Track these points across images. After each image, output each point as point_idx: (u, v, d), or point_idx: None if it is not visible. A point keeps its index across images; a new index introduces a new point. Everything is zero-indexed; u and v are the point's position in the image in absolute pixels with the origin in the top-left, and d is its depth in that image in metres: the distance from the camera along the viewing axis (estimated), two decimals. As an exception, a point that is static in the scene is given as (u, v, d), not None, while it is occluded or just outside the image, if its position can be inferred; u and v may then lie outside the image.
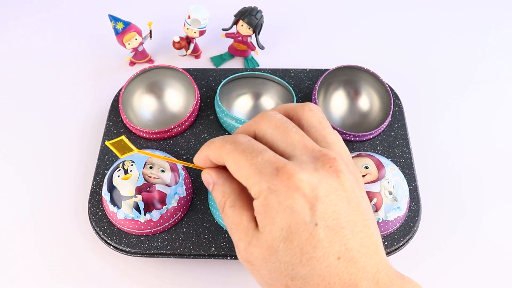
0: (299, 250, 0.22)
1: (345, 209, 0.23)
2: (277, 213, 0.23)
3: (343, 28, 0.65)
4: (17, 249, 0.45)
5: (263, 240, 0.23)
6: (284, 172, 0.22)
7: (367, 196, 0.26)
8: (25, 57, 0.62)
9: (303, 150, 0.24)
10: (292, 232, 0.22)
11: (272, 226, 0.23)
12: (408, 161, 0.47)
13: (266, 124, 0.25)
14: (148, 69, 0.51)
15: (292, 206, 0.22)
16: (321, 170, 0.23)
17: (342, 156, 0.25)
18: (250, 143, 0.24)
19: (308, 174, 0.22)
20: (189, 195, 0.44)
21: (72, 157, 0.51)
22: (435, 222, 0.46)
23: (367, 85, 0.51)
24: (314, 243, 0.22)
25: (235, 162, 0.24)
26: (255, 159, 0.23)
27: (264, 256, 0.23)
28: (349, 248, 0.22)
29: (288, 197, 0.22)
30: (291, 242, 0.22)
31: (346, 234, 0.22)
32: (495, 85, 0.57)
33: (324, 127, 0.26)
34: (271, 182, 0.23)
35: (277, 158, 0.23)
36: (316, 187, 0.22)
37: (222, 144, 0.25)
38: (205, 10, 0.55)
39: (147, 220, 0.41)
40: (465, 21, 0.65)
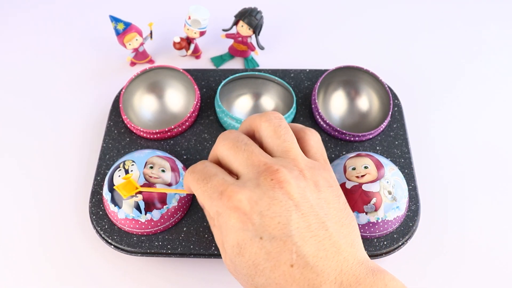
0: (251, 263, 0.24)
1: (292, 217, 0.23)
2: (227, 232, 0.24)
3: (343, 28, 0.65)
4: (17, 249, 0.45)
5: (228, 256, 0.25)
6: (225, 194, 0.24)
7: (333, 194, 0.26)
8: (25, 57, 0.62)
9: (250, 167, 0.25)
10: (242, 247, 0.24)
11: (227, 244, 0.25)
12: (408, 161, 0.47)
13: (222, 146, 0.27)
14: (148, 70, 0.51)
15: (235, 225, 0.24)
16: (263, 184, 0.24)
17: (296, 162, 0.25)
18: (203, 170, 0.26)
19: (248, 191, 0.24)
20: (189, 195, 0.44)
21: (73, 157, 0.52)
22: (434, 221, 0.46)
23: (366, 86, 0.51)
24: (263, 255, 0.23)
25: (195, 191, 0.27)
26: (205, 186, 0.26)
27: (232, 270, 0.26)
28: (301, 255, 0.23)
29: (231, 217, 0.24)
30: (243, 256, 0.24)
31: (296, 241, 0.23)
32: (495, 86, 0.58)
33: (279, 135, 0.26)
34: (218, 206, 0.25)
35: (224, 181, 0.25)
36: (255, 203, 0.23)
37: (186, 175, 0.28)
38: (205, 10, 0.55)
39: (148, 219, 0.41)
40: (465, 21, 0.65)
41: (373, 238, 0.41)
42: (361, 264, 0.24)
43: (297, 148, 0.26)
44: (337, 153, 0.48)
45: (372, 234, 0.41)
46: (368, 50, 0.62)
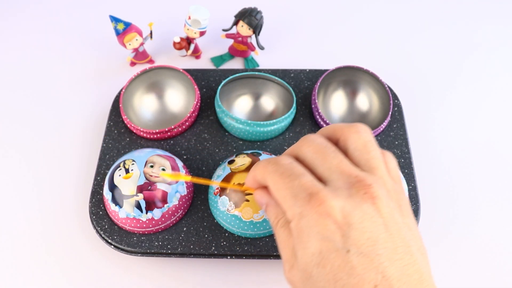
0: (332, 276, 0.22)
1: (382, 236, 0.22)
2: (308, 238, 0.23)
3: (343, 28, 0.65)
4: (17, 249, 0.45)
5: (299, 264, 0.24)
6: (317, 198, 0.23)
7: (413, 222, 0.25)
8: (25, 57, 0.62)
9: (339, 175, 0.24)
10: (324, 257, 0.22)
11: (304, 250, 0.23)
12: (407, 161, 0.47)
13: (307, 148, 0.26)
14: (148, 70, 0.51)
15: (323, 233, 0.22)
16: (356, 196, 0.23)
17: (384, 182, 0.24)
18: (290, 165, 0.25)
19: (341, 200, 0.23)
20: (190, 194, 0.44)
21: (73, 157, 0.52)
22: (434, 221, 0.46)
23: (366, 86, 0.51)
24: (347, 270, 0.22)
25: (274, 184, 0.25)
26: (292, 183, 0.24)
27: (303, 280, 0.24)
28: (386, 276, 0.21)
29: (319, 224, 0.22)
30: (323, 268, 0.22)
31: (383, 261, 0.22)
32: (495, 86, 0.58)
33: (369, 150, 0.26)
34: (303, 207, 0.23)
35: (313, 183, 0.24)
36: (348, 214, 0.22)
37: (265, 165, 0.26)
38: (205, 10, 0.55)
39: (149, 218, 0.41)
40: (464, 22, 0.65)
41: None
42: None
43: (384, 168, 0.25)
44: (337, 153, 0.48)
45: (372, 234, 0.41)
46: (368, 50, 0.62)
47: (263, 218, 0.40)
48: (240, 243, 0.41)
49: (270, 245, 0.41)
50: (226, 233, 0.42)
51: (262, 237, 0.42)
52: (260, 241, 0.41)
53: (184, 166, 0.45)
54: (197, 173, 0.47)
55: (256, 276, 0.43)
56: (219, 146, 0.49)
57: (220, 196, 0.42)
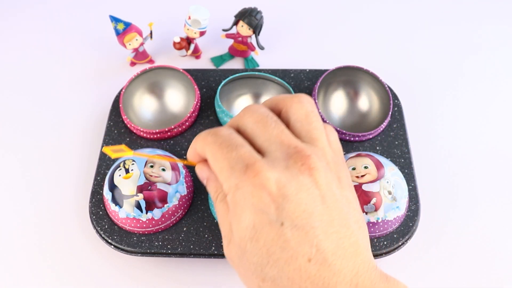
0: (265, 250, 0.21)
1: (318, 208, 0.22)
2: (242, 210, 0.22)
3: (343, 28, 0.65)
4: (17, 249, 0.45)
5: (234, 238, 0.23)
6: (252, 169, 0.22)
7: (353, 194, 0.24)
8: (25, 57, 0.62)
9: (278, 146, 0.23)
10: (258, 231, 0.22)
11: (238, 224, 0.22)
12: (407, 161, 0.47)
13: (248, 118, 0.25)
14: (148, 70, 0.51)
15: (257, 205, 0.22)
16: (293, 167, 0.22)
17: (324, 153, 0.24)
18: (229, 136, 0.24)
19: (277, 172, 0.22)
20: (190, 193, 0.44)
21: (73, 157, 0.52)
22: (434, 221, 0.46)
23: (366, 86, 0.51)
24: (280, 243, 0.21)
25: (212, 155, 0.24)
26: (229, 154, 0.23)
27: (238, 255, 0.23)
28: (321, 250, 0.21)
29: (253, 195, 0.22)
30: (257, 242, 0.22)
31: (318, 234, 0.21)
32: (495, 85, 0.58)
33: (310, 121, 0.25)
34: (239, 178, 0.22)
35: (251, 154, 0.23)
36: (284, 186, 0.21)
37: (205, 136, 0.25)
38: (205, 10, 0.55)
39: (149, 218, 0.41)
40: (464, 21, 0.65)
41: (373, 238, 0.41)
42: (375, 268, 0.23)
43: (326, 139, 0.25)
44: (337, 153, 0.48)
45: (372, 234, 0.41)
46: (368, 50, 0.62)
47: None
48: (240, 243, 0.41)
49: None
50: (226, 233, 0.42)
51: (262, 237, 0.42)
52: (260, 241, 0.41)
53: (184, 166, 0.45)
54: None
55: (256, 276, 0.43)
56: (219, 146, 0.49)
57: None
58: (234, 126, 0.26)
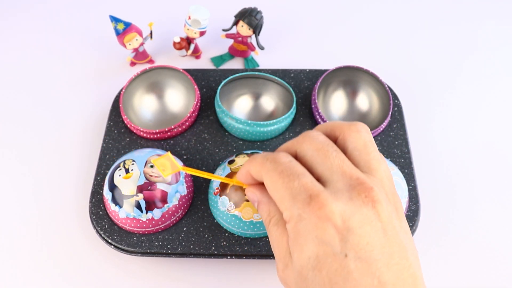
0: (328, 280, 0.22)
1: (380, 241, 0.22)
2: (305, 241, 0.22)
3: (343, 28, 0.65)
4: (17, 249, 0.45)
5: (294, 265, 0.23)
6: (317, 201, 0.22)
7: (407, 225, 0.25)
8: (25, 57, 0.62)
9: (340, 176, 0.23)
10: (320, 262, 0.22)
11: (300, 253, 0.23)
12: (407, 161, 0.47)
13: (307, 145, 0.25)
14: (148, 70, 0.51)
15: (321, 237, 0.22)
16: (356, 199, 0.22)
17: (383, 184, 0.24)
18: (289, 164, 0.24)
19: (342, 204, 0.22)
20: (190, 194, 0.44)
21: (73, 157, 0.52)
22: (434, 221, 0.46)
23: (366, 86, 0.51)
24: (343, 275, 0.21)
25: (272, 182, 0.24)
26: (291, 183, 0.23)
27: (297, 281, 0.23)
28: (382, 282, 0.21)
29: (318, 228, 0.22)
30: (319, 272, 0.22)
31: (380, 266, 0.21)
32: (495, 85, 0.58)
33: (369, 151, 0.25)
34: (302, 209, 0.22)
35: (313, 184, 0.23)
36: (348, 218, 0.22)
37: (263, 161, 0.25)
38: (205, 10, 0.55)
39: (149, 218, 0.41)
40: (464, 21, 0.65)
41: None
42: None
43: (384, 170, 0.25)
44: (337, 153, 0.48)
45: (372, 234, 0.41)
46: (368, 50, 0.62)
47: (263, 218, 0.40)
48: (240, 243, 0.41)
49: (270, 245, 0.41)
50: (226, 233, 0.42)
51: (262, 237, 0.42)
52: (260, 241, 0.41)
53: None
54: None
55: (256, 276, 0.43)
56: (219, 146, 0.49)
57: (220, 196, 0.42)
58: (292, 152, 0.26)
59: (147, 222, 0.41)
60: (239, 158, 0.44)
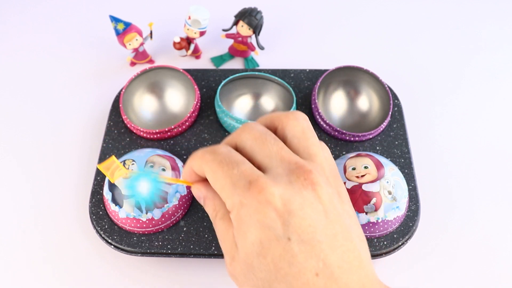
0: (273, 266, 0.22)
1: (322, 223, 0.22)
2: (248, 227, 0.22)
3: (343, 28, 0.65)
4: (17, 249, 0.45)
5: (240, 255, 0.23)
6: (256, 185, 0.22)
7: (352, 209, 0.25)
8: (24, 57, 0.62)
9: (279, 162, 0.23)
10: (264, 247, 0.22)
11: (244, 241, 0.23)
12: (407, 161, 0.47)
13: (246, 135, 0.25)
14: (148, 70, 0.51)
15: (263, 221, 0.22)
16: (296, 182, 0.22)
17: (323, 168, 0.24)
18: (229, 154, 0.24)
19: (281, 187, 0.22)
20: (190, 193, 0.44)
21: (73, 157, 0.52)
22: (434, 221, 0.46)
23: (366, 86, 0.51)
24: (288, 259, 0.21)
25: (212, 173, 0.24)
26: (230, 171, 0.23)
27: (244, 272, 0.23)
28: (327, 264, 0.21)
29: (259, 212, 0.22)
30: (264, 258, 0.22)
31: (324, 248, 0.21)
32: (495, 85, 0.58)
33: (307, 137, 0.25)
34: (242, 195, 0.22)
35: (252, 170, 0.23)
36: (289, 201, 0.22)
37: (202, 154, 0.25)
38: (205, 10, 0.55)
39: (149, 218, 0.41)
40: (464, 21, 0.65)
41: (373, 238, 0.41)
42: (379, 282, 0.23)
43: (323, 155, 0.25)
44: (337, 153, 0.48)
45: (372, 234, 0.41)
46: (368, 50, 0.62)
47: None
48: (240, 243, 0.41)
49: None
50: (226, 233, 0.42)
51: (262, 237, 0.42)
52: (260, 241, 0.41)
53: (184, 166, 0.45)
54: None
55: (256, 276, 0.43)
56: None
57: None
58: (232, 144, 0.26)
59: (147, 222, 0.41)
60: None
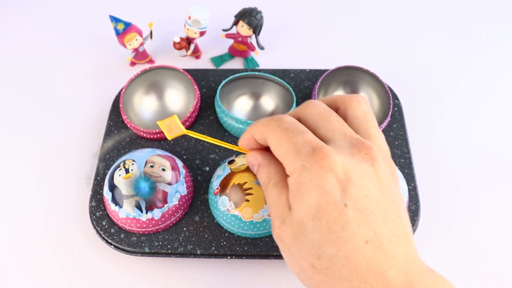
0: (327, 228, 0.23)
1: (377, 196, 0.23)
2: (308, 190, 0.23)
3: (343, 28, 0.65)
4: (17, 249, 0.45)
5: (294, 217, 0.24)
6: (320, 152, 0.23)
7: (401, 193, 0.26)
8: (24, 57, 0.62)
9: (341, 136, 0.25)
10: (321, 210, 0.23)
11: (302, 203, 0.24)
12: (407, 161, 0.47)
13: (310, 110, 0.27)
14: (148, 70, 0.51)
15: (323, 185, 0.23)
16: (357, 155, 0.24)
17: (380, 149, 0.26)
18: (294, 123, 0.25)
19: (343, 157, 0.23)
20: (190, 193, 0.44)
21: (73, 157, 0.52)
22: (434, 221, 0.46)
23: (366, 86, 0.51)
24: (342, 223, 0.22)
25: (277, 139, 0.25)
26: (295, 138, 0.24)
27: (295, 233, 0.24)
28: (378, 234, 0.22)
29: (320, 176, 0.23)
30: (319, 220, 0.23)
31: (377, 219, 0.22)
32: (495, 85, 0.58)
33: (368, 119, 0.27)
34: (306, 160, 0.24)
35: (316, 139, 0.24)
36: (349, 170, 0.23)
37: (267, 121, 0.26)
38: (206, 10, 0.55)
39: (149, 218, 0.41)
40: (465, 21, 0.65)
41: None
42: (420, 260, 0.24)
43: (381, 138, 0.26)
44: (337, 153, 0.48)
45: (372, 234, 0.41)
46: (368, 50, 0.62)
47: (263, 218, 0.40)
48: (240, 243, 0.41)
49: (270, 245, 0.41)
50: (226, 233, 0.42)
51: (262, 237, 0.42)
52: (260, 241, 0.41)
53: (184, 166, 0.45)
54: (197, 173, 0.47)
55: (256, 276, 0.43)
56: (219, 146, 0.49)
57: (220, 196, 0.42)
58: (295, 117, 0.27)
59: (147, 222, 0.41)
60: (239, 158, 0.44)
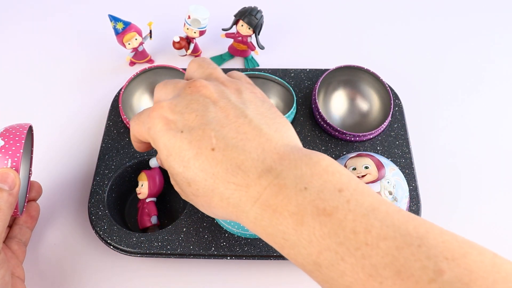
0: (179, 157, 0.25)
1: (210, 110, 0.25)
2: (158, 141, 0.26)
3: (343, 28, 0.65)
4: (17, 249, 0.45)
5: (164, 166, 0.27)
6: (151, 110, 0.27)
7: (255, 98, 0.27)
8: (24, 58, 0.62)
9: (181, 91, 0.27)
10: (168, 148, 0.25)
11: (161, 153, 0.26)
12: (408, 161, 0.47)
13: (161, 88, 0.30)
14: (148, 69, 0.51)
15: (160, 129, 0.26)
16: (183, 93, 0.27)
17: (218, 78, 0.28)
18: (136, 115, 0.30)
19: (169, 101, 0.26)
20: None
21: (72, 156, 0.51)
22: (435, 221, 0.46)
23: (367, 85, 0.51)
24: (185, 146, 0.25)
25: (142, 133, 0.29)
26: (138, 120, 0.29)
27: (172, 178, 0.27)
28: (220, 138, 0.24)
29: (156, 124, 0.26)
30: (171, 156, 0.25)
31: (214, 127, 0.25)
32: (495, 86, 0.58)
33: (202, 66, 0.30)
34: (147, 123, 0.27)
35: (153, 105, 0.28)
36: (175, 106, 0.26)
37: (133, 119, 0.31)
38: (205, 10, 0.55)
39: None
40: (465, 22, 0.65)
41: (373, 239, 0.41)
42: (287, 145, 0.25)
43: (221, 72, 0.29)
44: (338, 153, 0.48)
45: (373, 234, 0.41)
46: (369, 49, 0.62)
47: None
48: (240, 244, 0.41)
49: (270, 246, 0.41)
50: (226, 234, 0.42)
51: (262, 237, 0.41)
52: (260, 241, 0.41)
53: None
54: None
55: (256, 276, 0.43)
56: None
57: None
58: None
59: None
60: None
